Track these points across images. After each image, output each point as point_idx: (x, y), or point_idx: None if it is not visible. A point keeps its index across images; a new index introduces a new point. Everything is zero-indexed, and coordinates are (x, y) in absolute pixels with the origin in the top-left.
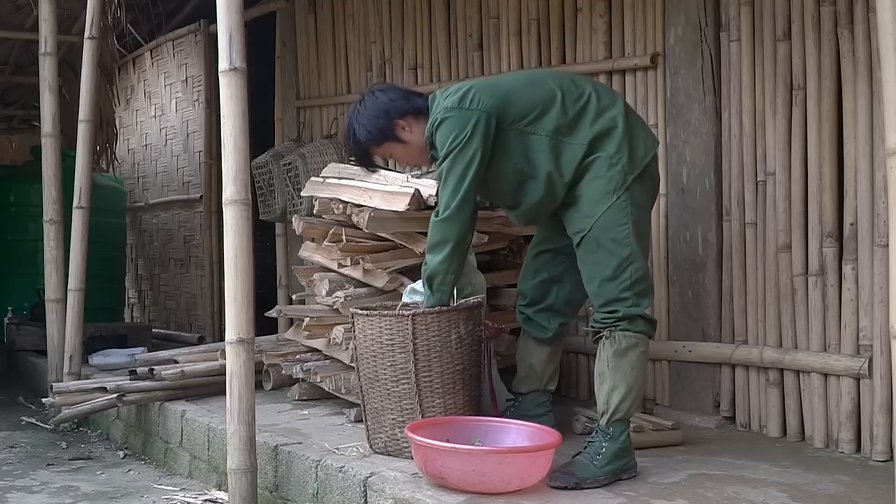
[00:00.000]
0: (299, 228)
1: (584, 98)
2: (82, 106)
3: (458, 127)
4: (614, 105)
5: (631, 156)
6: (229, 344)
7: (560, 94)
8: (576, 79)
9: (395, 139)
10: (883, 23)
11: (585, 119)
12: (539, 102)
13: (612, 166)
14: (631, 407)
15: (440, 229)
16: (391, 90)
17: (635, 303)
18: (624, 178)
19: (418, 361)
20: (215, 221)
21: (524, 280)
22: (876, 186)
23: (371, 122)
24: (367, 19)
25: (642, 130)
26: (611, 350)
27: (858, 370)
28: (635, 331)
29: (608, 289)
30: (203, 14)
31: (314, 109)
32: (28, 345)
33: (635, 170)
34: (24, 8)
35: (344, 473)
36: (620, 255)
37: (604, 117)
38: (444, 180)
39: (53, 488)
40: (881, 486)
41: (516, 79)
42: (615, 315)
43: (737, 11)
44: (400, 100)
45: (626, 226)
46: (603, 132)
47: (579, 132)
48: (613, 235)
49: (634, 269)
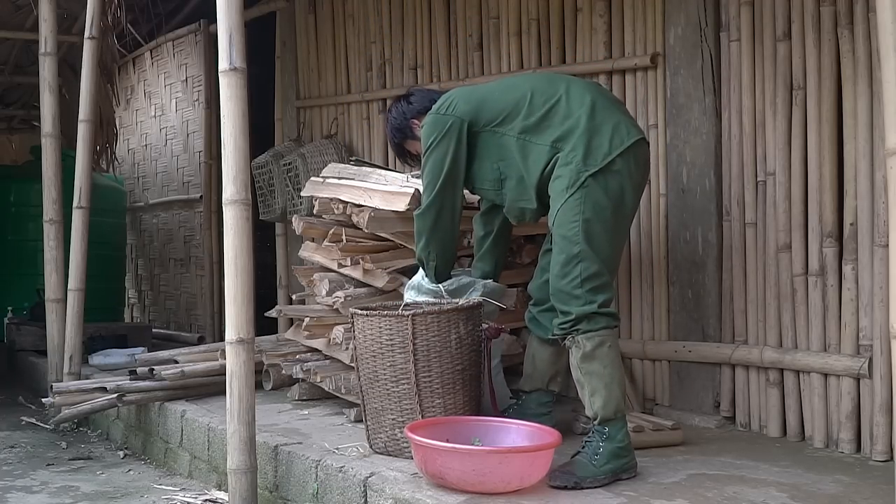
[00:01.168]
0: (299, 228)
1: (553, 99)
2: (82, 106)
3: (433, 131)
4: (581, 105)
5: (588, 152)
6: (229, 344)
7: (530, 95)
8: (552, 80)
9: (413, 136)
10: (883, 23)
11: (553, 120)
12: (510, 104)
13: (566, 164)
14: (617, 404)
15: (417, 222)
16: (414, 94)
17: (588, 300)
18: (577, 176)
19: (418, 361)
20: (215, 221)
21: (533, 281)
22: (876, 186)
23: (394, 123)
24: (367, 19)
25: (611, 128)
26: (578, 356)
27: (858, 370)
28: (596, 329)
29: (560, 287)
30: (203, 14)
31: (314, 109)
32: (28, 345)
33: (591, 167)
34: (24, 8)
35: (344, 473)
36: (569, 253)
37: (571, 118)
38: (422, 178)
39: (53, 488)
40: (881, 486)
41: (497, 84)
42: (570, 318)
43: (737, 11)
44: (417, 102)
45: (577, 224)
46: (565, 132)
47: (545, 133)
48: (563, 232)
49: (584, 267)
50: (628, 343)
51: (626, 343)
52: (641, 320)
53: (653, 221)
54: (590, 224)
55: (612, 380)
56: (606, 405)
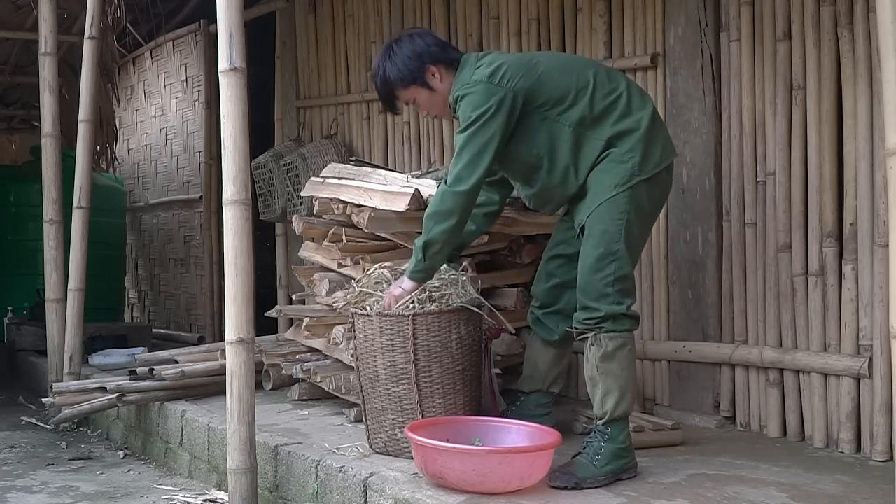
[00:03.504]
0: (299, 228)
1: (614, 94)
2: (82, 106)
3: (484, 102)
4: (644, 108)
5: (644, 158)
6: (229, 344)
7: (593, 85)
8: (612, 73)
9: (424, 84)
10: (883, 23)
11: (611, 116)
12: (571, 90)
13: (622, 163)
14: (627, 407)
15: (449, 198)
16: (428, 35)
17: (617, 300)
18: (630, 177)
19: (418, 361)
20: (215, 221)
21: (538, 283)
22: (876, 186)
23: (404, 62)
24: (367, 19)
25: (663, 139)
26: (598, 354)
27: (858, 370)
28: (620, 330)
29: (592, 281)
30: (203, 14)
31: (314, 109)
32: (28, 345)
33: (644, 173)
34: (24, 8)
35: (344, 473)
36: (608, 248)
37: (630, 118)
38: (460, 151)
39: (53, 488)
40: (881, 486)
41: (551, 61)
42: (597, 315)
43: (737, 11)
44: (435, 46)
45: (621, 222)
46: (624, 131)
47: (602, 128)
48: (605, 227)
49: (618, 266)
50: None
51: None
52: (641, 320)
53: None
54: (631, 225)
55: (628, 383)
56: (618, 406)
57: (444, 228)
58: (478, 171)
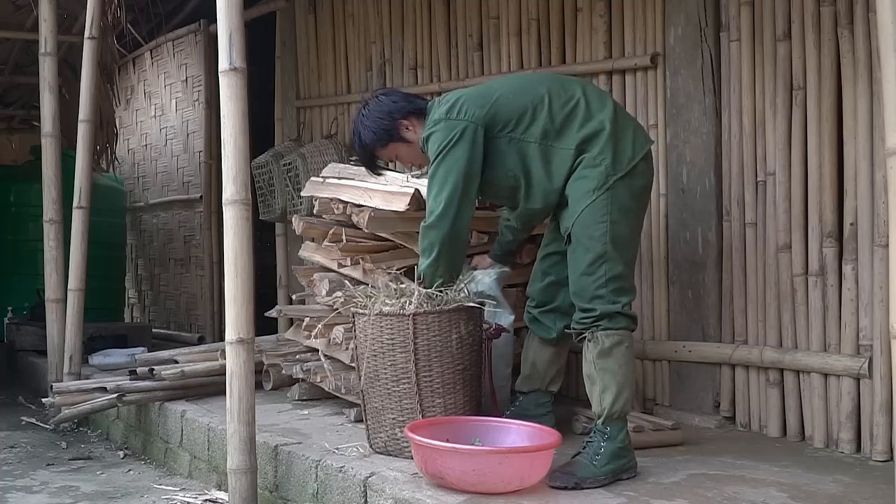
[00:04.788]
0: (299, 228)
1: (572, 102)
2: (82, 106)
3: (445, 137)
4: (603, 109)
5: (616, 157)
6: (229, 344)
7: (548, 98)
8: (565, 82)
9: (400, 139)
10: (883, 23)
11: (573, 123)
12: (528, 108)
13: (594, 167)
14: (625, 404)
15: (426, 235)
16: (393, 93)
17: (612, 300)
18: (605, 179)
19: (419, 361)
20: (215, 221)
21: (533, 283)
22: (876, 186)
23: (376, 123)
24: (367, 19)
25: (631, 132)
26: (595, 351)
27: (858, 370)
28: (616, 328)
29: (584, 285)
30: (203, 14)
31: (314, 109)
32: (28, 345)
33: (619, 171)
34: (24, 8)
35: (344, 473)
36: (595, 252)
37: (592, 121)
38: (430, 186)
39: (53, 488)
40: (881, 486)
41: (506, 85)
42: (593, 314)
43: (737, 11)
44: (402, 101)
45: (604, 224)
46: (590, 135)
47: (567, 137)
48: (590, 233)
49: (609, 268)
50: None
51: None
52: (641, 320)
53: (653, 221)
54: (616, 226)
55: (626, 380)
56: (615, 403)
57: (429, 262)
58: (447, 201)
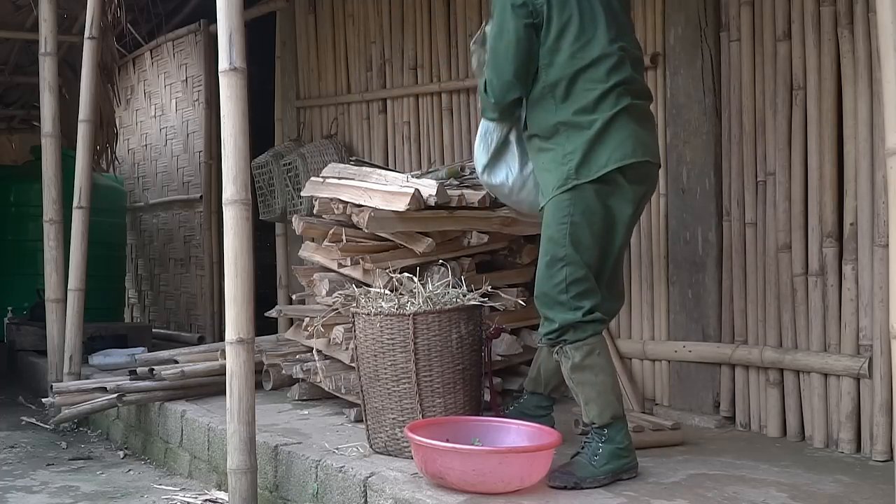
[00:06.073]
0: (299, 228)
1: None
2: (82, 106)
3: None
4: (606, 109)
5: (585, 161)
6: (229, 344)
7: (616, 55)
8: (633, 58)
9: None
10: (883, 23)
11: (589, 94)
12: (594, 45)
13: (561, 165)
14: (613, 409)
15: (483, 101)
16: None
17: (573, 306)
18: (566, 180)
19: (419, 361)
20: (215, 221)
21: None
22: (876, 186)
23: None
24: (367, 19)
25: (619, 143)
26: (568, 366)
27: (858, 370)
28: (583, 338)
29: (546, 290)
30: (203, 14)
31: (314, 109)
32: (28, 345)
33: (585, 177)
34: (24, 8)
35: (344, 473)
36: (554, 255)
37: (586, 114)
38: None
39: (53, 488)
40: (881, 486)
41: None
42: (555, 328)
43: (737, 11)
44: None
45: (564, 226)
46: (573, 123)
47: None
48: (551, 233)
49: (570, 272)
50: (628, 343)
51: (626, 343)
52: (641, 320)
53: (653, 221)
54: (577, 228)
55: (606, 387)
56: (602, 413)
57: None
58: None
